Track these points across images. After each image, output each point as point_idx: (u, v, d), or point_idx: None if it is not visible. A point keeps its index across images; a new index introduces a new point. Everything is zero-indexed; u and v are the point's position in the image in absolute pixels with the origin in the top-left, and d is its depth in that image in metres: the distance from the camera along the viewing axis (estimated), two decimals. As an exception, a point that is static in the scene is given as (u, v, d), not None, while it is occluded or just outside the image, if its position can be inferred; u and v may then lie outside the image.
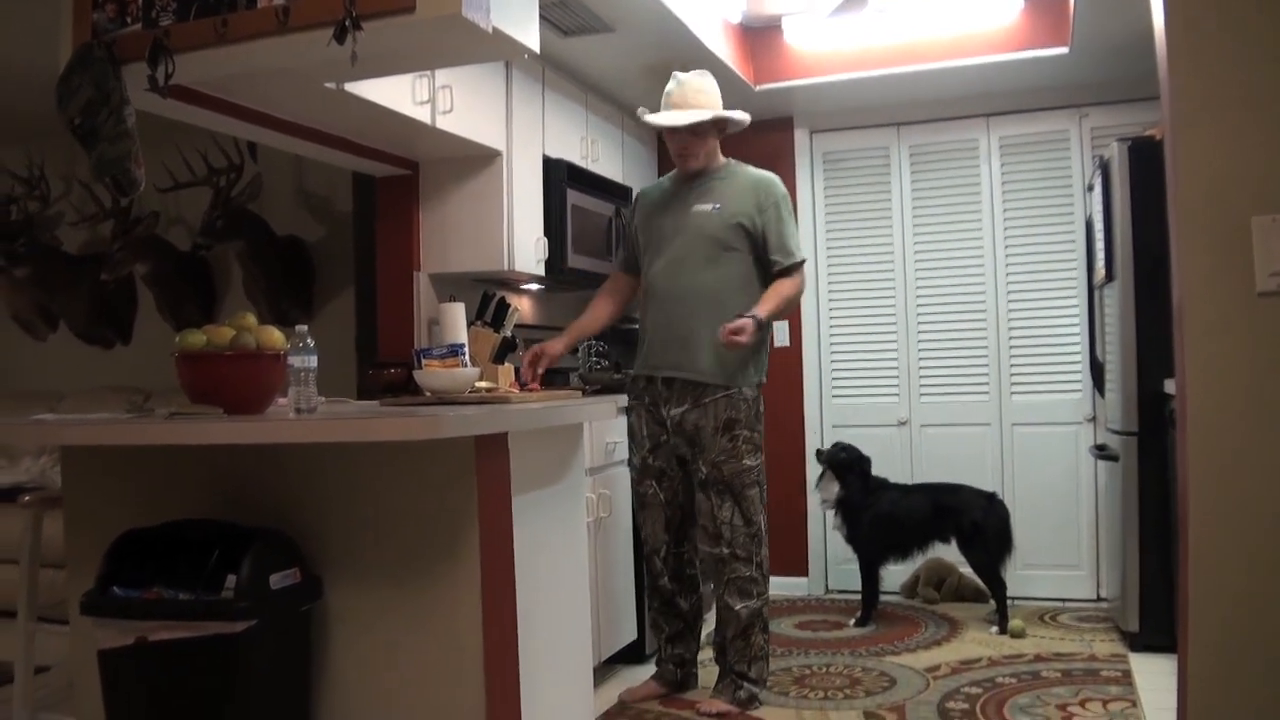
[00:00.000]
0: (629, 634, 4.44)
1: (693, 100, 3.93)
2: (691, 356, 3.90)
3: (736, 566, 3.89)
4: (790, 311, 4.89)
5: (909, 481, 5.64)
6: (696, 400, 3.90)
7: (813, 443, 5.89)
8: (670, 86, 3.98)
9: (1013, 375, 5.61)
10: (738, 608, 3.90)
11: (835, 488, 5.19)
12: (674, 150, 4.04)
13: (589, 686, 3.51)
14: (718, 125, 4.01)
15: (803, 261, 4.01)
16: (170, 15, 3.07)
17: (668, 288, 3.96)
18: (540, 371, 4.02)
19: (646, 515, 4.05)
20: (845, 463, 5.19)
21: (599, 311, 4.26)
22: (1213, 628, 2.22)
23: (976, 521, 5.00)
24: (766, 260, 3.98)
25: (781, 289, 3.94)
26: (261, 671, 2.58)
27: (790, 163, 5.91)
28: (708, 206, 3.96)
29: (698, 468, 3.91)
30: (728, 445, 3.88)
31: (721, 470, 3.87)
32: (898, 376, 5.82)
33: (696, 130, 3.94)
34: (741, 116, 4.03)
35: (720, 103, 3.99)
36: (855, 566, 5.74)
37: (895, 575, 5.69)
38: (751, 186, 4.00)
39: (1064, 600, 5.44)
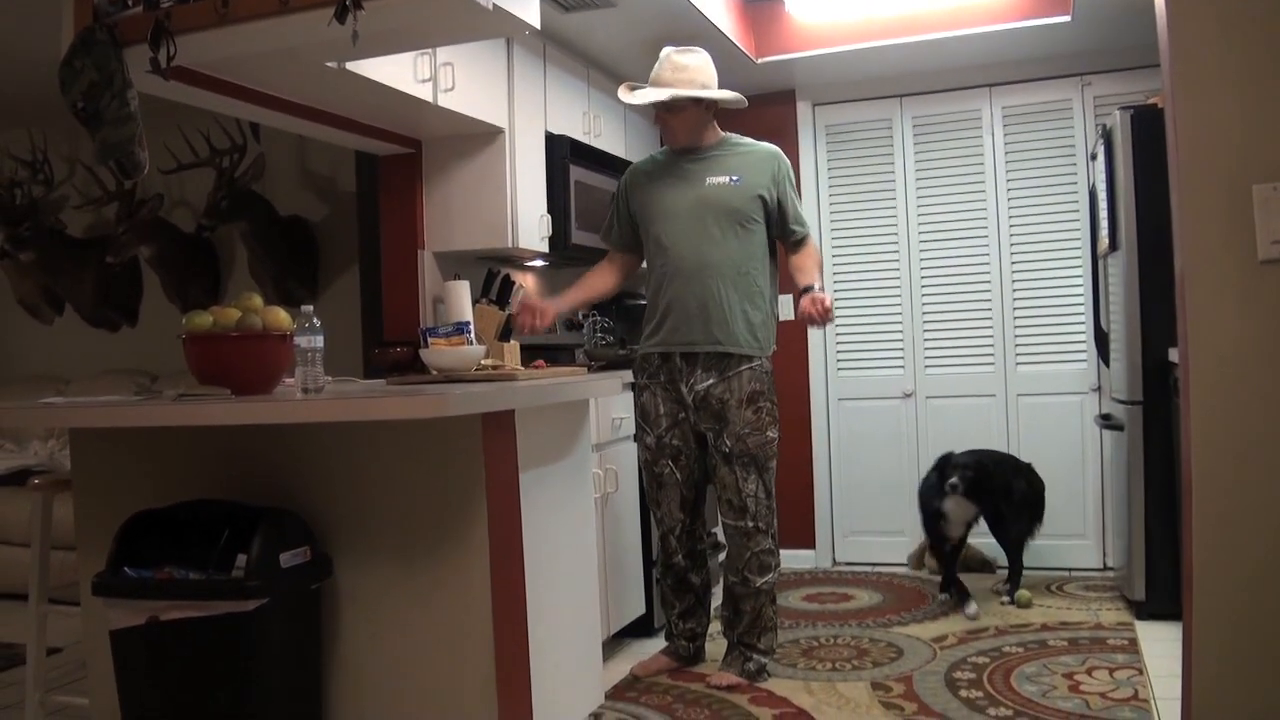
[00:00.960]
0: (637, 608, 4.46)
1: (668, 78, 3.88)
2: (722, 328, 3.87)
3: (759, 539, 3.90)
4: None
5: (916, 453, 5.70)
6: (722, 373, 3.88)
7: (819, 415, 5.91)
8: (655, 65, 3.95)
9: (1017, 346, 5.60)
10: (758, 583, 3.91)
11: (972, 509, 4.88)
12: (660, 128, 4.06)
13: (598, 660, 3.54)
14: (700, 102, 3.93)
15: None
16: (171, -3, 3.08)
17: (692, 261, 3.88)
18: (540, 326, 3.95)
19: (663, 495, 4.03)
20: (976, 480, 4.81)
21: (607, 281, 4.20)
22: (1217, 595, 2.23)
23: (1020, 490, 4.95)
24: (779, 231, 4.03)
25: (815, 257, 4.08)
26: (273, 650, 2.60)
27: (793, 135, 5.89)
28: (724, 179, 3.93)
29: (722, 441, 3.89)
30: (751, 417, 3.87)
31: (746, 443, 3.86)
32: (903, 348, 5.82)
33: (671, 107, 3.90)
34: (720, 96, 3.93)
35: (708, 79, 3.92)
36: (863, 539, 5.83)
37: (902, 546, 5.71)
38: (765, 159, 4.00)
39: (1070, 570, 5.45)
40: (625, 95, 4.00)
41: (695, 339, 3.89)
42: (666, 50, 3.94)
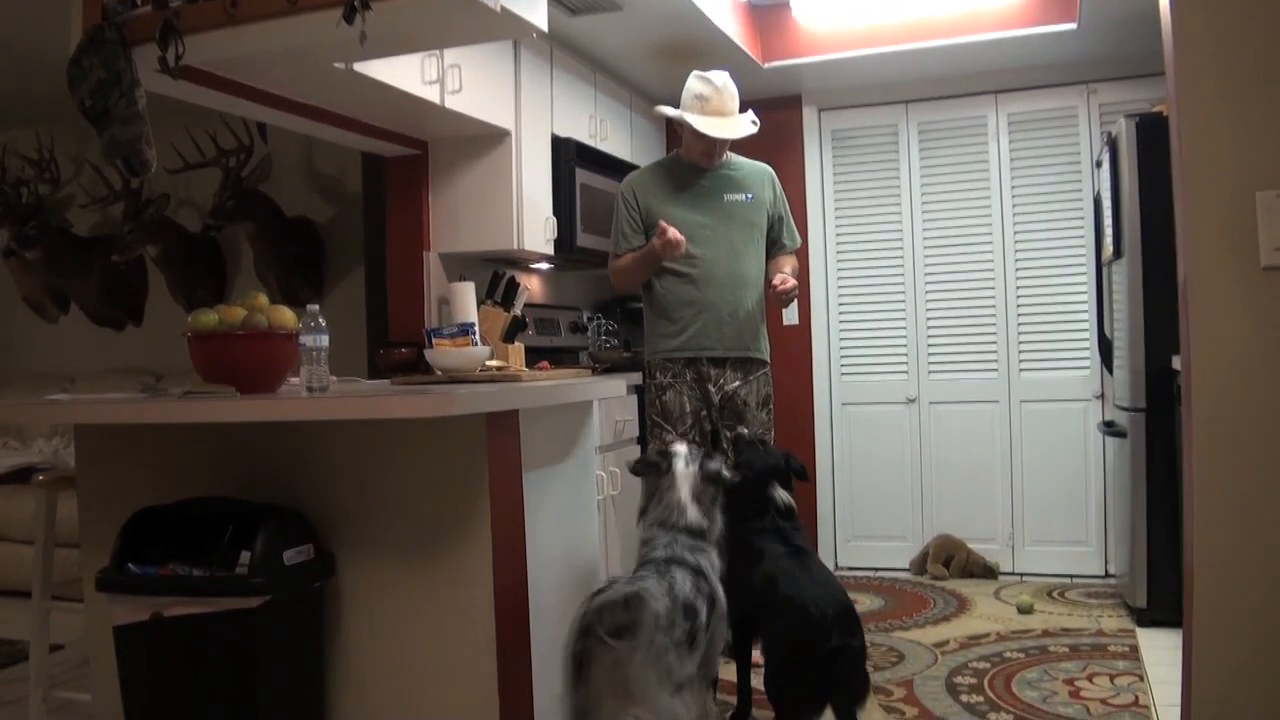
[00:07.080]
0: (639, 610, 4.45)
1: (730, 105, 3.95)
2: (751, 335, 4.04)
3: None
4: None
5: (919, 458, 5.70)
6: (746, 375, 4.04)
7: (822, 420, 5.92)
8: (704, 90, 3.91)
9: (1021, 352, 5.61)
10: None
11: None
12: (702, 150, 4.00)
13: (599, 662, 3.53)
14: None
15: None
16: (180, -4, 3.09)
17: (723, 273, 3.99)
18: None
19: None
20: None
21: None
22: (1218, 602, 2.23)
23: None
24: (774, 243, 4.14)
25: (794, 263, 4.18)
26: (275, 647, 2.60)
27: (799, 141, 5.90)
28: (739, 196, 4.06)
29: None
30: (765, 419, 4.06)
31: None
32: (906, 354, 5.82)
33: None
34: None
35: None
36: (865, 543, 5.83)
37: (904, 551, 5.72)
38: (765, 178, 4.14)
39: (1072, 576, 5.46)
40: (706, 127, 3.91)
41: (728, 345, 4.01)
42: (712, 77, 3.93)
